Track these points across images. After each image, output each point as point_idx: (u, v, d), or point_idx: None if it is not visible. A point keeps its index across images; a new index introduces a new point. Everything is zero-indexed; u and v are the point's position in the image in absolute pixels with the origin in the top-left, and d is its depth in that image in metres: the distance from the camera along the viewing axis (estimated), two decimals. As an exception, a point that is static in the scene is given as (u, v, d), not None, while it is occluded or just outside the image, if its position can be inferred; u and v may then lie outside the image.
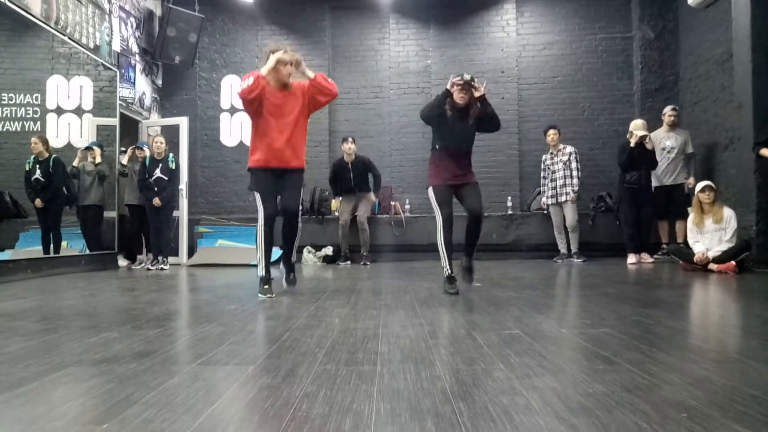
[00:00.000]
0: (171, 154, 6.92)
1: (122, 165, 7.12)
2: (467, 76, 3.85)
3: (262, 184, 3.76)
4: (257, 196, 3.78)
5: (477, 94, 3.88)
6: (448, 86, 3.87)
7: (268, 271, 3.76)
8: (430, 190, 3.99)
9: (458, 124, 3.92)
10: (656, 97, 8.17)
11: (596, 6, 8.46)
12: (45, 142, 6.29)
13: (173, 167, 6.83)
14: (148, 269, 6.64)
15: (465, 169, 4.00)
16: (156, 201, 6.65)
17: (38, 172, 6.18)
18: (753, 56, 5.46)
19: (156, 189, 6.67)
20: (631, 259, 6.42)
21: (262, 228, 3.73)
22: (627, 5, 8.41)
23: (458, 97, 3.86)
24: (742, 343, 2.21)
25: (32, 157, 6.22)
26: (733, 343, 2.22)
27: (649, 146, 6.51)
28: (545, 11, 8.56)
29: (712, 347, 2.10)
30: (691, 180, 6.67)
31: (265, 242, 3.76)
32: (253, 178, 3.83)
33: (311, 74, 3.83)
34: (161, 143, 6.83)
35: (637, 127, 6.56)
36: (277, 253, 7.28)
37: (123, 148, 7.35)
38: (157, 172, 6.70)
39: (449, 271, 3.81)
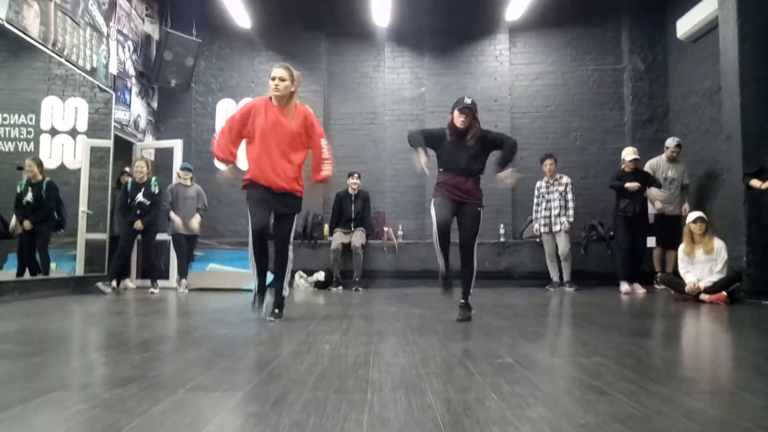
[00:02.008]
0: (153, 178, 6.75)
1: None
2: (468, 101, 3.88)
3: (252, 197, 3.71)
4: (248, 209, 3.74)
5: (509, 181, 4.12)
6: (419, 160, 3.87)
7: (260, 288, 3.73)
8: (432, 203, 3.94)
9: (459, 147, 3.93)
10: (647, 127, 8.28)
11: (587, 38, 8.63)
12: (39, 164, 6.20)
13: (155, 191, 6.65)
14: (152, 292, 6.53)
15: (468, 192, 3.96)
16: (138, 224, 6.48)
17: (29, 194, 6.07)
18: (741, 89, 5.56)
19: (138, 213, 6.51)
20: (625, 287, 6.40)
21: (251, 242, 3.72)
22: (617, 38, 8.59)
23: (458, 121, 3.88)
24: (734, 375, 2.20)
25: (24, 179, 6.12)
26: (726, 375, 2.21)
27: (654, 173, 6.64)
28: (537, 42, 8.71)
29: (704, 378, 2.09)
30: (686, 207, 6.72)
31: (255, 257, 3.73)
32: (246, 193, 3.78)
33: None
34: (142, 167, 6.64)
35: (627, 154, 6.66)
36: (268, 278, 7.25)
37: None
38: (139, 197, 6.53)
39: (444, 272, 3.88)
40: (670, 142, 6.91)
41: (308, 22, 8.69)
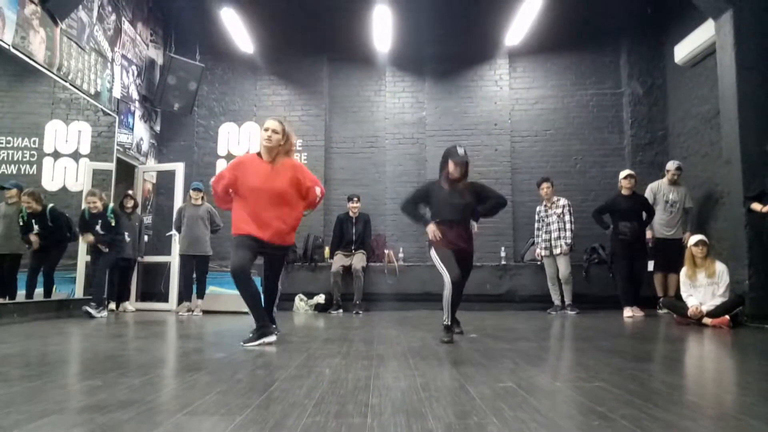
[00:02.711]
0: (111, 206, 6.42)
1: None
2: (461, 151, 4.11)
3: (239, 240, 3.70)
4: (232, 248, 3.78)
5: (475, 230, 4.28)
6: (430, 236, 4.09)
7: (256, 318, 3.72)
8: (433, 252, 4.10)
9: (452, 197, 4.13)
10: (646, 151, 8.33)
11: (586, 63, 8.72)
12: (37, 199, 6.10)
13: (112, 223, 6.29)
14: (88, 312, 6.01)
15: (464, 240, 4.17)
16: (97, 243, 6.22)
17: (36, 227, 6.05)
18: (739, 114, 5.60)
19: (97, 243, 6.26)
20: (627, 312, 6.34)
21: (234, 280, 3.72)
22: (616, 62, 8.68)
23: (453, 170, 4.08)
24: (739, 400, 2.17)
25: (24, 211, 6.05)
26: (730, 400, 2.18)
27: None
28: (537, 67, 8.81)
29: (708, 404, 2.06)
30: (687, 235, 6.67)
31: (241, 292, 3.74)
32: (235, 238, 3.76)
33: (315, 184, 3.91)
34: (95, 201, 6.22)
35: (622, 173, 6.71)
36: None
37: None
38: (97, 228, 6.24)
39: (448, 322, 3.91)
40: (671, 165, 6.93)
41: (310, 46, 8.81)
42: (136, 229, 7.44)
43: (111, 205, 6.47)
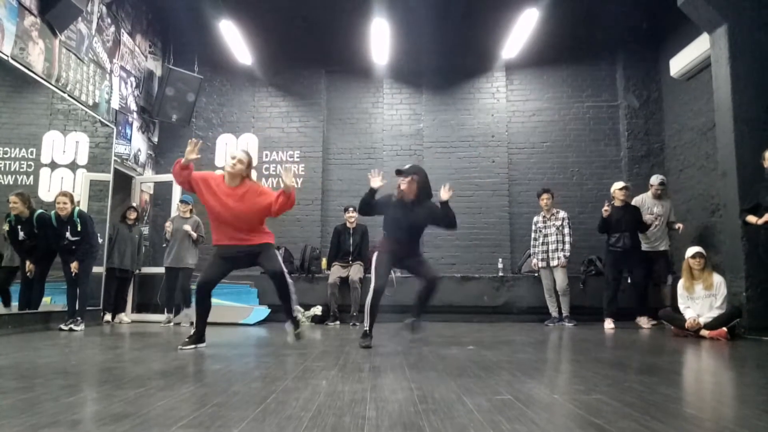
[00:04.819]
0: (77, 210, 6.03)
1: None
2: (406, 165, 4.34)
3: (215, 253, 4.18)
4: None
5: (445, 197, 4.27)
6: (373, 184, 4.32)
7: (197, 335, 4.13)
8: (375, 256, 4.34)
9: (404, 215, 4.28)
10: (643, 163, 8.36)
11: (583, 75, 8.78)
12: (25, 201, 5.87)
13: (79, 228, 5.94)
14: (61, 329, 5.84)
15: (411, 252, 4.39)
16: (74, 266, 5.92)
17: (21, 234, 5.83)
18: (735, 126, 5.64)
19: (70, 251, 5.96)
20: (608, 324, 6.38)
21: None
22: (612, 75, 8.74)
23: (404, 187, 4.26)
24: (737, 413, 2.16)
25: (12, 215, 5.84)
26: (728, 413, 2.17)
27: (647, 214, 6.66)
28: (534, 79, 8.87)
29: (707, 416, 2.05)
30: (680, 225, 6.73)
31: (196, 304, 4.17)
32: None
33: (289, 185, 4.01)
34: (65, 202, 5.90)
35: (616, 185, 6.74)
36: (264, 312, 7.21)
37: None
38: (67, 235, 5.93)
39: (368, 329, 4.21)
40: (654, 179, 6.98)
41: (308, 58, 8.85)
42: (135, 241, 7.42)
43: (77, 208, 6.10)
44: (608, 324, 6.38)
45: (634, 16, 8.47)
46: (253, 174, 4.51)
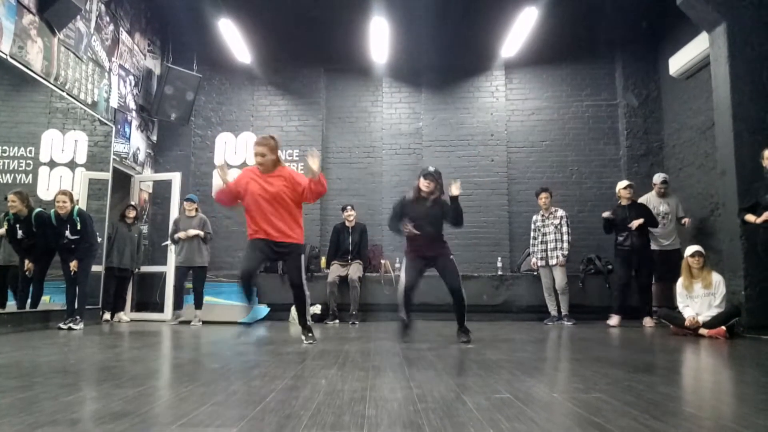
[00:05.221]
0: (76, 209, 6.01)
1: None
2: (431, 168, 4.63)
3: (251, 245, 4.32)
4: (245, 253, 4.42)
5: (455, 192, 4.50)
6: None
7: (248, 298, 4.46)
8: (404, 261, 4.70)
9: (422, 210, 4.56)
10: (642, 162, 8.36)
11: (582, 74, 8.78)
12: (24, 200, 5.86)
13: (79, 227, 5.93)
14: (60, 327, 5.82)
15: (437, 247, 4.63)
16: (73, 265, 5.92)
17: (20, 232, 5.82)
18: (734, 125, 5.64)
19: (70, 250, 5.95)
20: (613, 320, 6.40)
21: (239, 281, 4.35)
22: (611, 74, 8.74)
23: (424, 185, 4.57)
24: (736, 411, 2.17)
25: (11, 214, 5.83)
26: (727, 411, 2.18)
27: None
28: (533, 78, 8.86)
29: (706, 415, 2.06)
30: (686, 219, 6.74)
31: (243, 289, 4.39)
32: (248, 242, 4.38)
33: (315, 171, 4.23)
34: (65, 201, 5.89)
35: (620, 184, 6.74)
36: (264, 311, 7.21)
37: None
38: (67, 234, 5.91)
39: (405, 323, 4.60)
40: (657, 178, 6.99)
41: (307, 57, 8.84)
42: (134, 240, 7.42)
43: (77, 207, 6.08)
44: (613, 320, 6.39)
45: (633, 15, 8.46)
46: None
